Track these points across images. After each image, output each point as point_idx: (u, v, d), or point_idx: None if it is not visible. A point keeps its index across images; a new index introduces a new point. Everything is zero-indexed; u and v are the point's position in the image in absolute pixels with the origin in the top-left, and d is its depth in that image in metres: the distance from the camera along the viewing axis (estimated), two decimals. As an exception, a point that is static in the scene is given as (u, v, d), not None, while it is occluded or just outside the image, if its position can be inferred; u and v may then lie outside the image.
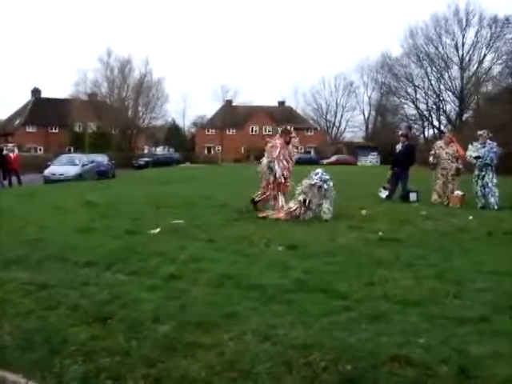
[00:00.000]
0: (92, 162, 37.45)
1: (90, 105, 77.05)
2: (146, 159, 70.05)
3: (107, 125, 76.98)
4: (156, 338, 4.60)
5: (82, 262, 7.47)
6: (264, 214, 12.66)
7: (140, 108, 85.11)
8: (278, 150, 12.98)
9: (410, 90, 78.45)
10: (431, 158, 17.02)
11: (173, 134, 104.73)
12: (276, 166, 12.89)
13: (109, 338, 4.60)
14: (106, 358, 4.19)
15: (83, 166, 35.41)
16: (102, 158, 40.57)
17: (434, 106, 77.70)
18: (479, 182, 15.53)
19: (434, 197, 16.67)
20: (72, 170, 33.84)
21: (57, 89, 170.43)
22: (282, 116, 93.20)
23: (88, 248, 8.47)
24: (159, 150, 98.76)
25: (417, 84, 77.58)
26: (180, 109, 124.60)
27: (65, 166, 34.56)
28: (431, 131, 79.12)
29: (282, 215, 12.43)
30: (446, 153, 16.72)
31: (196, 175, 38.04)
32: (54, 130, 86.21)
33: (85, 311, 5.28)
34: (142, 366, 4.07)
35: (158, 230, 10.31)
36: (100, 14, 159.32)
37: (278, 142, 13.18)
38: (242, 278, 6.58)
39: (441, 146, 17.07)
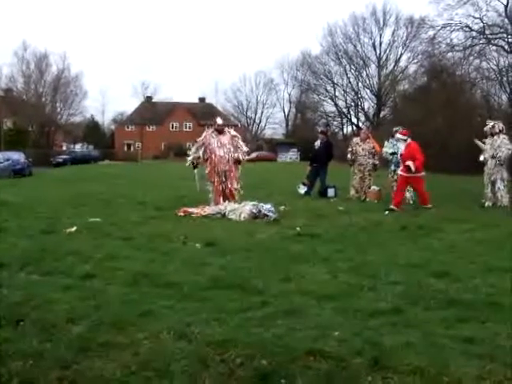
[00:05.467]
0: (7, 159, 36.33)
1: (4, 101, 74.45)
2: (64, 157, 68.48)
3: (24, 121, 74.55)
4: (70, 339, 4.51)
5: (-7, 263, 7.26)
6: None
7: (58, 104, 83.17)
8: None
9: (329, 87, 79.43)
10: (349, 155, 17.33)
11: (92, 130, 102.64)
12: None
13: (21, 341, 4.47)
14: (19, 362, 4.07)
15: (-2, 164, 34.36)
16: (18, 156, 39.29)
17: (353, 104, 79.02)
18: (395, 177, 15.88)
19: (352, 192, 17.01)
20: (-14, 169, 32.78)
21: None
22: (203, 112, 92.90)
23: (0, 249, 8.24)
24: (78, 147, 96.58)
25: (336, 81, 78.57)
26: (99, 105, 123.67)
27: (-21, 165, 33.45)
28: (350, 128, 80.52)
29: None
30: (363, 149, 17.07)
31: (114, 173, 37.50)
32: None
33: (-4, 314, 5.13)
34: (56, 368, 3.97)
35: (74, 228, 10.12)
36: (15, 4, 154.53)
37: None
38: (158, 276, 6.56)
39: (357, 143, 17.41)
